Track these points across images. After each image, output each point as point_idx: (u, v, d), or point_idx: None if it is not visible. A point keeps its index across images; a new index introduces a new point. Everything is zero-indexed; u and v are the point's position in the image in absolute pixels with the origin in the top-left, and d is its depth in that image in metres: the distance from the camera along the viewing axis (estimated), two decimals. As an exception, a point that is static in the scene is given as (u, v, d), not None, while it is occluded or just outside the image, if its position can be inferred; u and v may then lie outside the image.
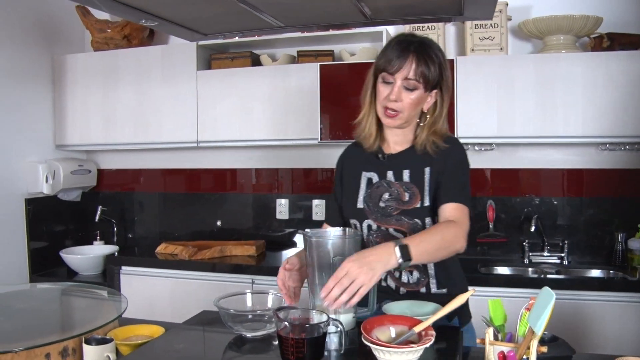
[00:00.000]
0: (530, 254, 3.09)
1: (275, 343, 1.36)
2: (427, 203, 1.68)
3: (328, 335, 1.31)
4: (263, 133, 3.21)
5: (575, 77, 2.77)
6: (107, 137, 3.50)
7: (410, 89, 1.62)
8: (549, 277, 2.88)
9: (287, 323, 1.28)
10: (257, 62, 3.35)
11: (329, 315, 1.31)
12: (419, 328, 1.28)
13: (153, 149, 3.63)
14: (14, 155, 3.30)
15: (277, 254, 3.29)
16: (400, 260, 1.40)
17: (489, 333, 1.20)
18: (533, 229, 3.03)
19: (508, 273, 3.03)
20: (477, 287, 2.51)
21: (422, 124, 1.72)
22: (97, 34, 3.51)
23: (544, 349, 1.12)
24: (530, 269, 3.01)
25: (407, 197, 1.70)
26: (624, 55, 2.74)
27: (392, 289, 1.73)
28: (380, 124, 1.74)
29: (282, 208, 3.55)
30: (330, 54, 3.22)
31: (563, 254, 3.04)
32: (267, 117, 3.19)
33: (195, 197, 3.74)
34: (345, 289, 1.32)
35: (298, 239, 3.51)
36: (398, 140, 1.76)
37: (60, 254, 3.41)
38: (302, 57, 3.25)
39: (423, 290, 1.71)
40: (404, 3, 1.64)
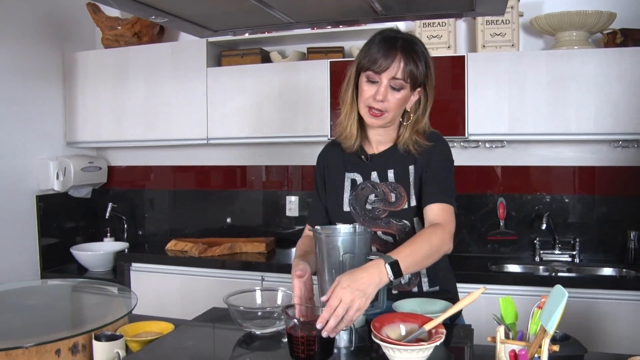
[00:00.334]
0: (541, 252, 3.06)
1: (285, 340, 1.36)
2: (413, 203, 1.66)
3: (337, 333, 1.30)
4: (273, 130, 3.20)
5: (588, 73, 2.74)
6: (117, 134, 3.51)
7: (397, 89, 1.57)
8: (560, 275, 2.86)
9: (296, 321, 1.28)
10: (267, 58, 3.35)
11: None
12: (430, 326, 1.27)
13: (163, 146, 3.63)
14: (25, 152, 3.32)
15: (287, 251, 3.29)
16: (392, 278, 1.36)
17: (500, 331, 1.19)
18: (544, 227, 3.01)
19: (519, 271, 3.01)
20: (487, 285, 2.50)
21: (405, 123, 1.67)
22: (107, 31, 3.52)
23: (556, 348, 1.11)
24: (541, 267, 2.99)
25: (393, 197, 1.67)
26: (638, 52, 2.70)
27: None
28: (362, 123, 1.69)
29: (292, 205, 3.55)
30: (341, 51, 3.21)
31: (574, 252, 3.02)
32: (276, 113, 3.19)
33: (205, 194, 3.75)
34: (342, 317, 1.28)
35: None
36: (381, 140, 1.72)
37: (71, 251, 3.43)
38: (312, 53, 3.24)
39: (415, 290, 1.69)
40: (415, -2, 1.63)
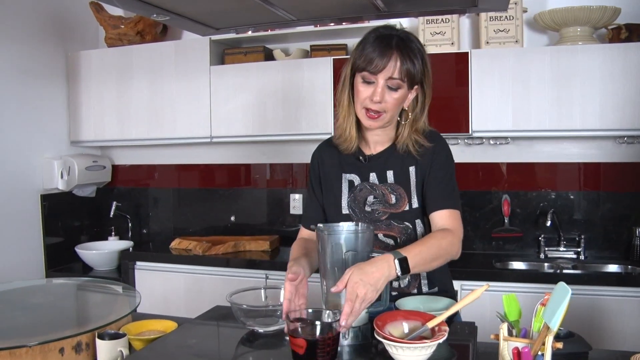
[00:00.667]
0: (546, 249, 3.05)
1: (288, 338, 1.35)
2: (415, 205, 1.64)
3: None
4: (276, 128, 3.20)
5: (593, 69, 2.73)
6: (121, 133, 3.51)
7: (394, 89, 1.53)
8: (565, 272, 2.85)
9: (299, 326, 1.27)
10: (270, 56, 3.35)
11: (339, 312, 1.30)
12: (432, 323, 1.26)
13: (167, 145, 3.63)
14: (29, 152, 3.33)
15: (290, 249, 3.29)
16: (399, 274, 1.38)
17: (504, 329, 1.18)
18: (549, 224, 3.00)
19: (523, 268, 3.00)
20: (491, 282, 2.50)
21: (403, 123, 1.63)
22: (110, 30, 3.52)
23: (560, 345, 1.10)
24: (546, 264, 2.98)
25: (393, 199, 1.65)
26: (643, 47, 2.69)
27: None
28: (359, 124, 1.65)
29: (295, 203, 3.55)
30: (344, 48, 3.20)
31: (579, 249, 3.00)
32: (280, 111, 3.19)
33: (209, 192, 3.75)
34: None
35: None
36: (378, 140, 1.68)
37: (76, 250, 3.44)
38: (315, 51, 3.23)
39: (414, 292, 1.67)
40: (418, -5, 1.62)
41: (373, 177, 1.68)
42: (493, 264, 2.90)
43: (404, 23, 3.09)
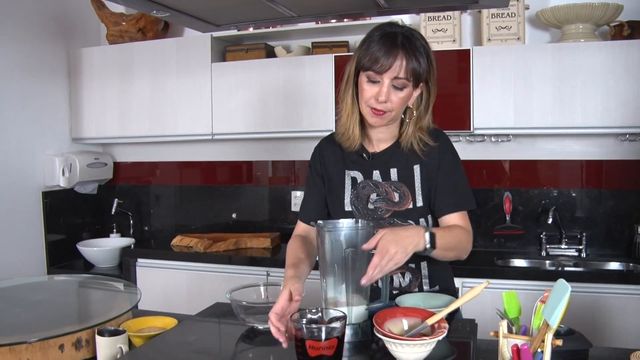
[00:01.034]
0: (548, 247, 3.05)
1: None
2: (420, 203, 1.63)
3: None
4: (278, 125, 3.20)
5: (595, 66, 2.72)
6: (122, 130, 3.52)
7: (400, 88, 1.51)
8: (567, 269, 2.85)
9: (303, 321, 1.26)
10: (271, 53, 3.34)
11: (339, 310, 1.30)
12: (432, 320, 1.26)
13: (168, 142, 3.64)
14: (31, 149, 3.33)
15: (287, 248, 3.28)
16: (428, 246, 1.43)
17: (503, 326, 1.18)
18: (550, 221, 2.99)
19: (525, 266, 3.00)
20: (493, 279, 2.51)
21: (407, 120, 1.62)
22: (112, 27, 3.52)
23: (559, 342, 1.10)
24: (548, 262, 2.97)
25: (397, 197, 1.64)
26: (645, 44, 2.68)
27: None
28: (362, 121, 1.64)
29: (297, 200, 3.54)
30: (345, 45, 3.20)
31: (581, 247, 3.00)
32: (281, 108, 3.18)
33: (211, 189, 3.75)
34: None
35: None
36: (382, 138, 1.67)
37: (77, 247, 3.45)
38: (316, 48, 3.23)
39: (415, 291, 1.67)
40: (419, -8, 1.61)
41: (376, 174, 1.67)
42: (494, 262, 2.90)
43: (406, 20, 3.08)
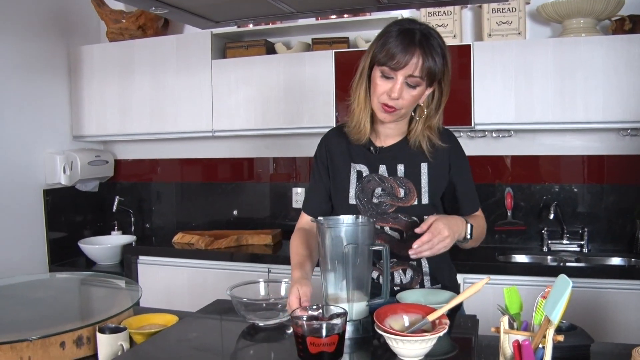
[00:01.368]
0: (549, 242, 3.04)
1: (289, 332, 1.35)
2: (425, 201, 1.63)
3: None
4: (278, 121, 3.19)
5: (596, 61, 2.71)
6: (123, 127, 3.51)
7: (413, 86, 1.51)
8: (568, 265, 2.84)
9: (304, 318, 1.26)
10: (271, 50, 3.33)
11: (340, 306, 1.29)
12: (433, 316, 1.26)
13: (169, 139, 3.63)
14: (32, 147, 3.33)
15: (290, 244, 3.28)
16: (469, 236, 1.53)
17: (504, 321, 1.17)
18: (552, 217, 2.99)
19: (526, 261, 2.99)
20: (494, 275, 2.51)
21: (417, 118, 1.62)
22: (112, 25, 3.52)
23: (560, 338, 1.10)
24: (549, 257, 2.97)
25: (402, 193, 1.64)
26: (647, 39, 2.67)
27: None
28: (372, 116, 1.63)
29: (298, 197, 3.54)
30: (346, 41, 3.19)
31: (583, 242, 2.99)
32: (282, 105, 3.18)
33: (212, 186, 3.75)
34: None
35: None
36: (390, 133, 1.67)
37: (79, 244, 3.45)
38: (317, 44, 3.22)
39: (417, 288, 1.66)
40: (419, -14, 1.61)
41: (383, 169, 1.67)
42: (496, 257, 2.89)
43: (405, 15, 3.07)
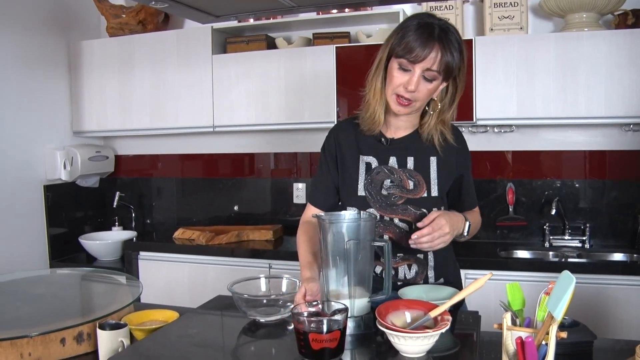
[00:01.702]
0: (551, 238, 3.03)
1: (290, 328, 1.35)
2: (434, 194, 1.64)
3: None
4: (279, 117, 3.18)
5: (599, 56, 2.69)
6: (123, 123, 3.50)
7: (429, 80, 1.51)
8: (570, 260, 2.83)
9: (304, 314, 1.25)
10: (272, 45, 3.32)
11: (341, 302, 1.29)
12: (435, 313, 1.25)
13: (170, 134, 3.63)
14: (32, 143, 3.32)
15: (294, 239, 3.22)
16: (466, 234, 1.60)
17: (507, 318, 1.17)
18: (554, 212, 2.98)
19: (528, 257, 2.98)
20: (496, 271, 2.47)
21: (431, 112, 1.63)
22: (112, 20, 3.50)
23: (564, 335, 1.09)
24: (551, 253, 2.96)
25: (411, 185, 1.64)
26: (650, 33, 2.65)
27: None
28: (386, 108, 1.63)
29: (299, 192, 3.54)
30: (347, 36, 3.17)
31: (585, 238, 2.98)
32: (283, 100, 3.17)
33: (213, 182, 3.74)
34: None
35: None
36: (401, 125, 1.68)
37: (79, 240, 3.44)
38: (317, 39, 3.21)
39: (421, 283, 1.66)
40: (421, -20, 1.59)
41: (393, 161, 1.67)
42: (497, 253, 2.89)
43: (407, 10, 3.06)
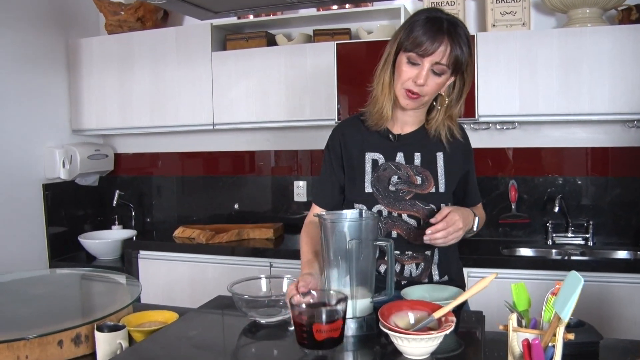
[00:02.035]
0: (554, 235, 3.01)
1: (291, 329, 1.33)
2: (442, 189, 1.64)
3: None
4: (280, 114, 3.16)
5: (602, 52, 2.67)
6: (123, 121, 3.48)
7: (438, 74, 1.51)
8: (573, 258, 2.82)
9: (303, 306, 1.24)
10: (272, 42, 3.30)
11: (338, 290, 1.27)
12: (439, 314, 1.23)
13: (169, 132, 3.61)
14: (31, 141, 3.30)
15: (295, 237, 3.26)
16: (475, 229, 1.62)
17: (513, 319, 1.14)
18: (557, 210, 2.96)
19: (531, 255, 2.96)
20: (499, 269, 2.49)
21: (439, 107, 1.62)
22: (110, 17, 3.48)
23: (571, 336, 1.07)
24: (554, 251, 2.94)
25: (419, 180, 1.64)
26: (654, 29, 2.63)
27: None
28: (393, 104, 1.62)
29: (300, 190, 3.51)
30: (347, 33, 3.15)
31: (588, 235, 2.96)
32: (283, 97, 3.14)
33: (213, 180, 3.72)
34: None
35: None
36: (408, 121, 1.67)
37: (79, 239, 3.43)
38: (318, 36, 3.18)
39: (425, 281, 1.65)
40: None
41: (400, 156, 1.66)
42: (500, 251, 2.86)
43: (408, 6, 3.03)
